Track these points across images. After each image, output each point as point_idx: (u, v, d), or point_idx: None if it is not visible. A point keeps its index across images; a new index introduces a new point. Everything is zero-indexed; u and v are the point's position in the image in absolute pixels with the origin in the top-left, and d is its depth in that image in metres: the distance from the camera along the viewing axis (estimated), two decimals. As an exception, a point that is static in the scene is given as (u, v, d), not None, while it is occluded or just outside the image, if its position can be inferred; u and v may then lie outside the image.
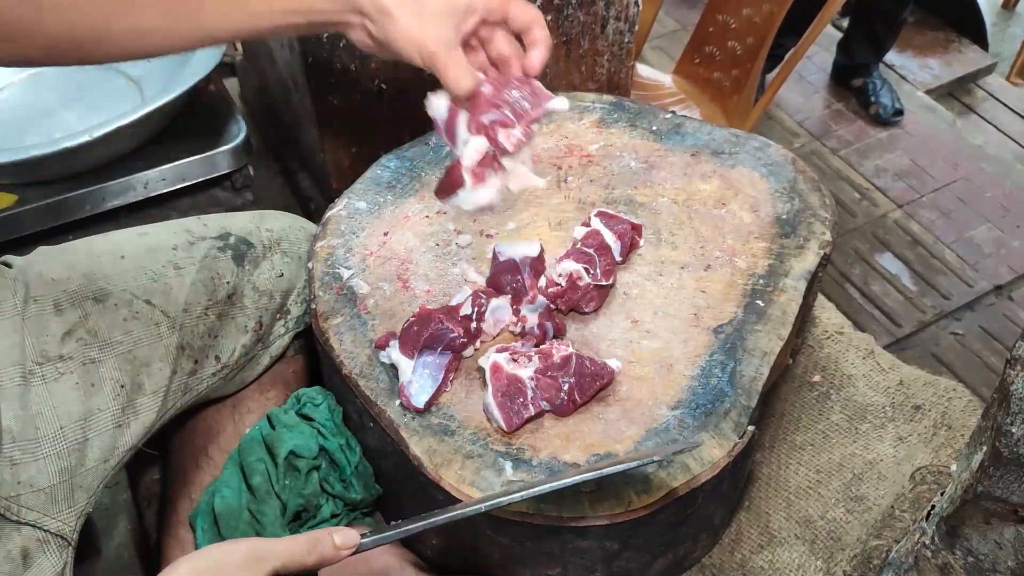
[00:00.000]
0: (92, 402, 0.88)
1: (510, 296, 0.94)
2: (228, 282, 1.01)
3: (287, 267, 1.07)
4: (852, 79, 2.90)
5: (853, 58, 2.86)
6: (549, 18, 1.29)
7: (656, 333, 0.95)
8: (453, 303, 0.92)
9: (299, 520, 0.96)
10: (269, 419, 1.02)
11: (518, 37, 0.86)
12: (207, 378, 1.00)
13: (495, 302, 0.93)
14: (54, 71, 1.44)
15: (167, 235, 1.01)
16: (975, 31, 3.13)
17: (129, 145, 1.27)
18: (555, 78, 1.38)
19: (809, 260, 1.01)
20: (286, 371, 1.11)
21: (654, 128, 1.19)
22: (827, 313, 1.21)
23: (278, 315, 1.07)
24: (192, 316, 0.97)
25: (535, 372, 0.87)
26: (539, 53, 0.85)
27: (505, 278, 0.95)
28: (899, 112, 2.81)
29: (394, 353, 0.89)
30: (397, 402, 0.89)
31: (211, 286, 0.99)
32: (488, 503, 0.72)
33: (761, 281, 1.00)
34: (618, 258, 0.99)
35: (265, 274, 1.05)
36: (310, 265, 1.03)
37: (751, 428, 0.87)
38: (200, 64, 1.26)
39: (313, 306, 0.99)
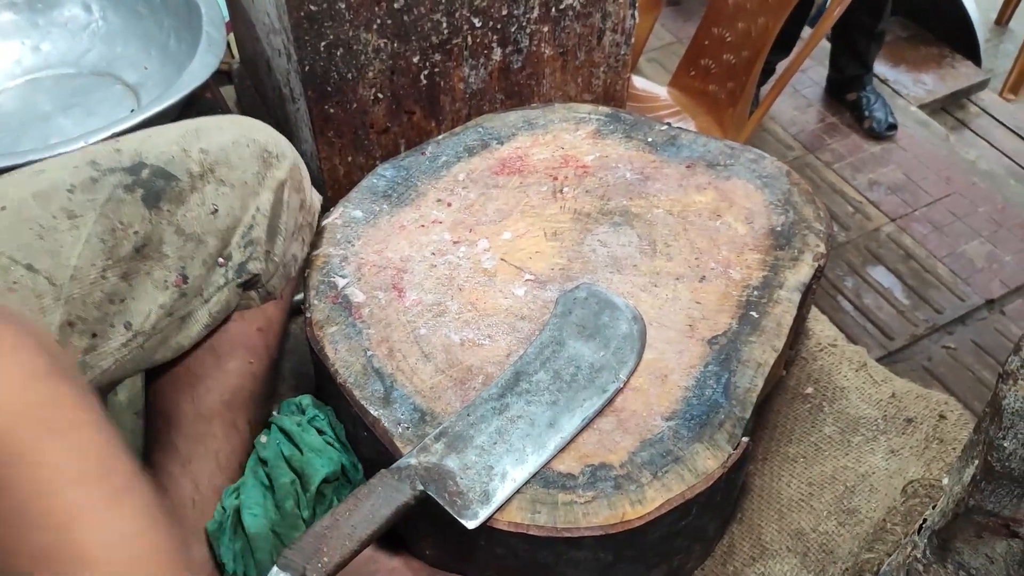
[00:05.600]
0: None
1: None
2: (136, 232, 0.82)
3: (224, 200, 0.87)
4: (846, 93, 2.91)
5: (843, 71, 2.88)
6: (546, 29, 1.30)
7: (651, 344, 0.95)
8: None
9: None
10: (285, 432, 0.97)
11: None
12: (114, 351, 0.83)
13: None
14: (51, 77, 1.44)
15: (66, 172, 0.82)
16: (968, 47, 3.15)
17: (125, 151, 1.27)
18: (551, 89, 1.39)
19: (803, 272, 1.02)
20: (248, 331, 0.94)
21: (650, 140, 1.19)
22: (820, 325, 1.22)
23: (218, 262, 0.88)
24: (83, 283, 0.80)
25: None
26: None
27: None
28: (893, 126, 2.82)
29: None
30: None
31: (111, 241, 0.81)
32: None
33: (756, 292, 1.00)
34: None
35: (193, 211, 0.85)
36: (306, 273, 1.03)
37: (745, 439, 0.88)
38: (198, 72, 1.26)
39: (308, 315, 0.99)
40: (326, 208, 1.12)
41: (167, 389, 0.93)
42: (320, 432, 0.98)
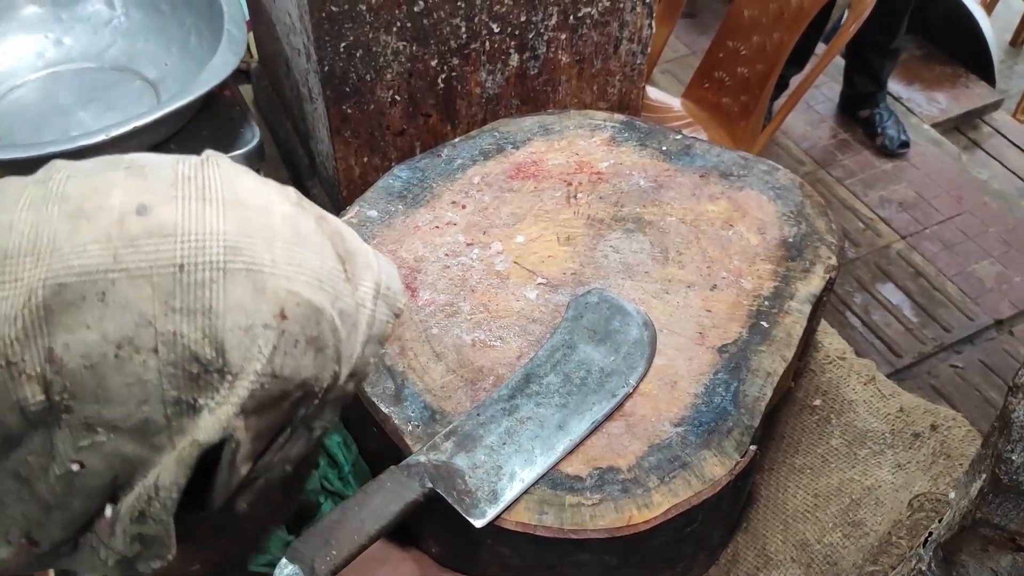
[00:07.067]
0: None
1: None
2: None
3: (97, 453, 0.46)
4: (859, 110, 2.91)
5: (856, 88, 2.88)
6: (564, 36, 1.31)
7: (661, 350, 0.96)
8: None
9: (298, 519, 0.96)
10: None
11: None
12: None
13: None
14: (72, 71, 1.45)
15: None
16: (983, 67, 3.15)
17: (143, 146, 1.28)
18: (567, 96, 1.39)
19: (814, 284, 1.02)
20: None
21: (664, 148, 1.20)
22: (829, 338, 1.22)
23: (93, 527, 0.50)
24: None
25: None
26: None
27: None
28: (905, 144, 2.82)
29: None
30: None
31: None
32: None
33: (767, 303, 1.00)
34: None
35: (36, 460, 0.47)
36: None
37: (752, 447, 0.88)
38: (218, 69, 1.27)
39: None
40: (340, 208, 1.13)
41: None
42: None
